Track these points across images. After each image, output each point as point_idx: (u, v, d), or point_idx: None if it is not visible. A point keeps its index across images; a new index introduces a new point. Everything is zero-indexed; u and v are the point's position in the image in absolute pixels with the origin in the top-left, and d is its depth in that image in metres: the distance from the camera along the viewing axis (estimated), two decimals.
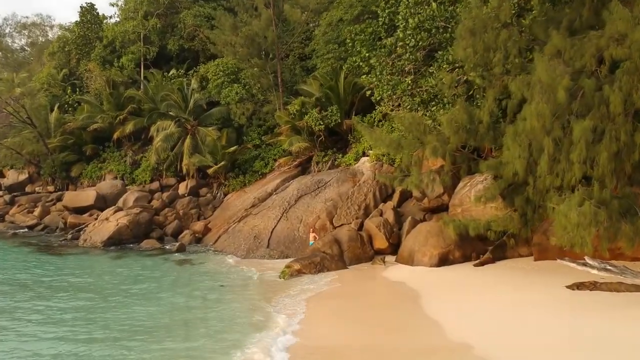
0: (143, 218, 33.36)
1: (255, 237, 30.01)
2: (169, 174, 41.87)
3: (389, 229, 26.32)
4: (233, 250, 29.78)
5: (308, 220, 30.20)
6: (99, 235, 32.06)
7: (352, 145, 36.56)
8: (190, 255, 29.11)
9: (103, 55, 50.95)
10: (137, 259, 28.18)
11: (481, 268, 22.99)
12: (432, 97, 25.30)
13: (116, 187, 40.71)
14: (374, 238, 26.35)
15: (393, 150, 23.45)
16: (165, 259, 28.29)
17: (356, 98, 37.00)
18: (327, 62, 39.10)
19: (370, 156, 33.53)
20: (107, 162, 45.22)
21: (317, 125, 35.23)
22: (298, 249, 28.82)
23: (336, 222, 29.56)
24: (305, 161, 38.41)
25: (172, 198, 39.08)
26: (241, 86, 40.69)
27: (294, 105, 36.87)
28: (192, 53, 51.58)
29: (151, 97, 43.96)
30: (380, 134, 23.41)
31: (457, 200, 26.49)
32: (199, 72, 45.97)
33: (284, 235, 29.75)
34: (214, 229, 34.60)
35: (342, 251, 25.48)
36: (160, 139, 39.95)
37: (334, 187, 32.46)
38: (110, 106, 44.86)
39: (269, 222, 30.80)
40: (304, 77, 42.53)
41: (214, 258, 28.37)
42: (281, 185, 35.67)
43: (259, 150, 40.39)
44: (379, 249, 26.24)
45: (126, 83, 48.10)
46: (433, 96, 25.09)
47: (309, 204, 31.37)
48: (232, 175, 39.85)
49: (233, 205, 36.94)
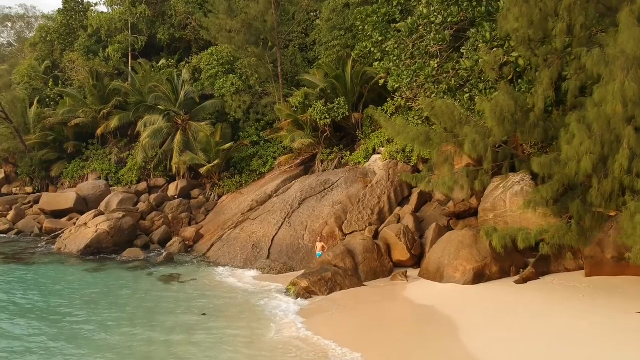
0: (126, 223, 29.49)
1: (254, 246, 26.21)
2: (157, 173, 38.12)
3: (410, 237, 22.58)
4: (228, 261, 25.98)
5: (314, 227, 26.43)
6: (76, 243, 28.20)
7: (361, 141, 32.79)
8: (178, 268, 25.26)
9: (88, 45, 47.07)
10: (115, 272, 24.38)
11: (524, 286, 19.36)
12: (462, 82, 21.57)
13: (99, 188, 36.84)
14: (393, 248, 22.59)
15: (420, 145, 19.69)
16: (149, 272, 24.45)
17: (365, 89, 33.27)
18: (332, 50, 35.32)
19: (382, 154, 29.79)
20: (90, 161, 41.39)
21: (322, 120, 31.45)
22: (303, 260, 25.06)
23: (346, 228, 25.82)
24: (308, 159, 34.63)
25: (160, 200, 35.26)
26: (237, 77, 36.85)
27: (296, 97, 33.07)
28: (184, 43, 47.74)
29: (138, 90, 40.11)
30: (403, 125, 19.62)
31: (489, 205, 22.82)
32: (192, 63, 42.16)
33: (287, 243, 25.96)
34: (207, 235, 30.77)
35: (357, 264, 21.73)
36: (147, 135, 36.12)
37: (343, 189, 28.72)
38: (93, 99, 40.99)
39: (270, 228, 27.00)
40: (306, 67, 38.77)
41: (206, 271, 24.53)
42: (282, 186, 31.89)
43: (257, 147, 36.60)
44: (399, 261, 22.50)
45: (111, 75, 44.22)
46: (464, 81, 21.35)
47: (315, 208, 27.59)
48: (227, 175, 36.07)
49: (228, 209, 33.12)
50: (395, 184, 27.60)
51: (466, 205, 24.12)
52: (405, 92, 24.58)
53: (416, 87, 24.64)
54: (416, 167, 28.60)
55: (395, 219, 24.95)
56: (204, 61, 38.97)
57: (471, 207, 24.10)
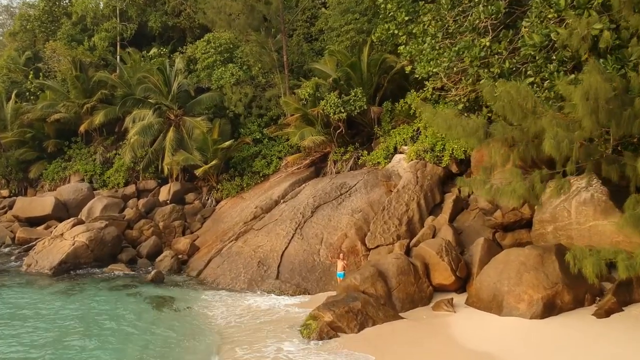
0: (109, 234, 25.28)
1: (260, 263, 22.00)
2: (147, 175, 34.04)
3: (455, 256, 18.41)
4: (229, 281, 21.79)
5: (331, 240, 22.28)
6: (49, 259, 23.96)
7: (380, 139, 28.62)
8: (169, 290, 21.04)
9: (71, 33, 42.80)
10: (92, 295, 20.17)
11: (607, 320, 15.21)
12: (518, 65, 17.46)
13: (81, 191, 32.66)
14: (433, 269, 18.44)
15: (476, 141, 15.48)
16: (133, 294, 20.25)
17: (384, 79, 29.07)
18: (345, 35, 31.16)
19: (407, 153, 25.66)
20: (72, 161, 37.23)
21: (337, 114, 27.25)
22: (319, 281, 20.93)
23: (370, 242, 21.70)
24: (318, 160, 30.48)
25: (150, 206, 31.04)
26: (237, 66, 32.65)
27: (305, 89, 28.87)
28: (177, 32, 43.66)
29: (126, 82, 35.90)
30: (455, 117, 15.42)
31: (548, 215, 18.84)
32: (186, 53, 37.91)
33: (300, 260, 21.79)
34: (204, 247, 26.57)
35: (389, 289, 17.56)
36: (136, 132, 31.92)
37: (362, 194, 24.58)
38: (76, 92, 36.73)
39: (278, 241, 22.82)
40: (314, 57, 34.60)
41: (201, 296, 20.26)
42: (290, 190, 27.74)
43: (260, 146, 32.40)
44: (441, 285, 18.36)
45: (97, 65, 39.88)
46: (522, 63, 17.23)
47: (331, 217, 23.44)
48: (226, 177, 31.93)
49: (228, 216, 28.91)
50: (425, 188, 23.52)
51: (517, 215, 20.02)
52: (442, 78, 20.37)
53: (455, 73, 20.51)
54: (448, 168, 24.55)
55: (430, 231, 20.80)
56: (200, 49, 34.81)
57: (522, 218, 20.03)
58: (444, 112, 15.90)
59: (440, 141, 24.84)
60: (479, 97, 20.78)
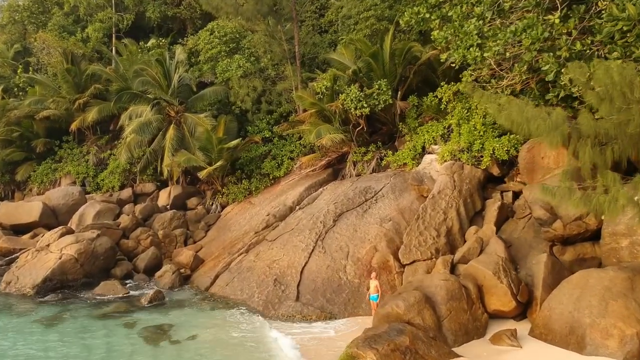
0: (102, 246, 22.19)
1: (277, 281, 18.89)
2: (145, 177, 31.13)
3: (514, 277, 15.33)
4: (241, 302, 18.64)
5: (358, 254, 19.21)
6: (31, 275, 20.87)
7: (405, 137, 25.57)
8: (170, 314, 17.92)
9: (63, 24, 39.65)
10: (79, 326, 17.08)
11: None
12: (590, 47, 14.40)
13: (71, 196, 29.59)
14: (488, 292, 15.38)
15: (559, 137, 12.37)
16: (128, 324, 17.10)
17: (410, 71, 25.98)
18: (364, 23, 28.11)
19: (440, 153, 22.60)
20: (63, 162, 34.32)
21: (358, 109, 24.19)
22: (347, 304, 17.86)
23: (404, 257, 18.63)
24: (335, 161, 27.39)
25: (148, 212, 28.02)
26: (245, 57, 29.51)
27: (322, 82, 25.79)
28: (177, 24, 40.84)
29: (122, 75, 32.78)
30: (531, 107, 12.34)
31: (623, 227, 15.77)
32: (187, 44, 34.85)
33: (323, 278, 18.69)
34: (209, 260, 23.49)
35: (439, 319, 14.51)
36: (133, 130, 28.87)
37: (391, 200, 21.54)
38: (67, 87, 33.69)
39: (296, 255, 19.72)
40: (327, 49, 31.56)
41: (210, 320, 17.09)
42: (306, 195, 24.73)
43: (270, 145, 29.30)
44: (498, 311, 15.32)
45: (90, 58, 36.72)
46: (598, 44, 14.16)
47: (357, 227, 20.36)
48: (233, 180, 28.90)
49: (235, 224, 25.88)
50: (464, 193, 20.47)
51: (581, 226, 16.95)
52: (491, 64, 17.29)
53: (506, 59, 17.45)
54: (488, 170, 21.49)
55: (478, 245, 17.72)
56: (203, 40, 31.73)
57: (587, 229, 16.96)
58: (518, 103, 12.78)
59: (479, 139, 21.83)
60: (530, 87, 17.79)
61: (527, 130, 12.63)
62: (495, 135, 21.78)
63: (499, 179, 21.89)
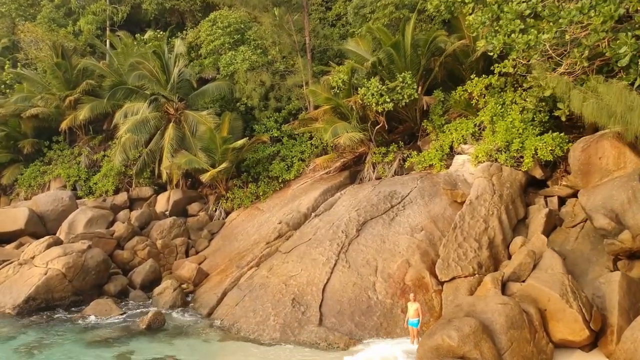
0: (93, 259, 19.63)
1: (295, 301, 16.34)
2: (141, 181, 28.57)
3: (584, 300, 12.84)
4: (254, 327, 16.07)
5: (389, 270, 16.75)
6: (12, 293, 18.31)
7: (430, 136, 23.18)
8: (172, 342, 15.38)
9: (54, 17, 37.10)
10: (65, 352, 14.62)
11: None
12: None
13: (61, 201, 27.04)
14: (553, 318, 12.92)
15: None
16: (123, 353, 14.56)
17: (435, 62, 23.53)
18: (382, 11, 25.73)
19: (474, 154, 20.18)
20: (53, 164, 31.70)
21: (381, 104, 21.71)
22: (380, 328, 15.37)
23: (443, 273, 16.19)
24: (351, 162, 24.93)
25: (145, 219, 25.50)
26: (251, 49, 26.98)
27: (338, 75, 23.28)
28: (176, 16, 38.31)
29: (117, 70, 30.25)
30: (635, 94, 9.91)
31: None
32: (187, 38, 32.33)
33: (349, 298, 16.17)
34: (214, 273, 20.96)
35: (499, 352, 12.00)
36: (128, 129, 26.30)
37: (420, 206, 19.10)
38: (57, 83, 31.15)
39: (316, 270, 17.19)
40: (339, 41, 29.14)
41: (216, 352, 14.52)
42: (322, 200, 22.30)
43: (278, 145, 26.79)
44: (565, 341, 12.87)
45: (82, 52, 34.12)
46: None
47: (385, 237, 17.88)
48: (238, 184, 26.45)
49: (242, 232, 23.38)
50: (506, 199, 18.08)
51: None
52: (547, 50, 14.82)
53: (562, 43, 15.01)
54: (529, 173, 19.06)
55: (531, 260, 15.23)
56: (204, 31, 29.21)
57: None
58: (615, 87, 10.33)
59: (518, 138, 19.44)
60: None
61: (627, 122, 10.20)
62: (536, 133, 19.43)
63: (541, 182, 19.51)
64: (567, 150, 18.23)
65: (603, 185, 16.38)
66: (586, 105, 11.03)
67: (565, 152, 18.37)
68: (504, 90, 21.45)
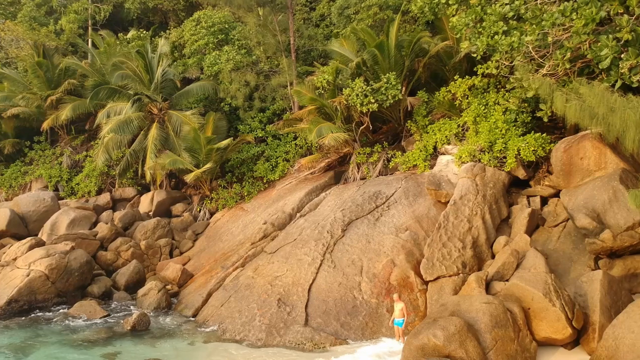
0: (77, 260, 19.47)
1: (281, 302, 16.36)
2: (125, 181, 28.39)
3: (567, 298, 13.02)
4: (239, 328, 16.05)
5: (375, 269, 16.83)
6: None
7: (414, 136, 23.33)
8: (157, 344, 15.30)
9: (35, 16, 36.67)
10: (49, 353, 14.47)
11: None
12: None
13: (43, 202, 26.72)
14: (536, 317, 13.06)
15: None
16: (108, 354, 14.48)
17: (419, 64, 23.68)
18: (366, 12, 25.86)
19: (457, 154, 20.34)
20: (34, 165, 31.29)
21: (365, 105, 21.79)
22: (365, 328, 15.44)
23: (427, 272, 16.30)
24: (336, 162, 25.01)
25: (129, 220, 25.34)
26: (235, 49, 26.94)
27: (323, 75, 23.33)
28: (159, 16, 38.09)
29: (99, 70, 29.98)
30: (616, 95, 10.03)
31: None
32: (170, 37, 32.15)
33: (335, 298, 16.23)
34: (199, 274, 20.90)
35: (484, 350, 12.13)
36: (111, 129, 26.10)
37: (405, 206, 19.23)
38: (39, 82, 30.76)
39: (302, 270, 17.23)
40: (323, 42, 29.20)
41: (202, 354, 14.49)
42: (307, 201, 22.35)
43: (263, 145, 26.79)
44: (548, 339, 13.03)
45: (64, 51, 33.77)
46: None
47: (370, 237, 17.97)
48: (223, 184, 26.40)
49: (227, 233, 23.33)
50: (489, 199, 18.25)
51: (634, 237, 14.78)
52: (530, 52, 15.02)
53: (544, 45, 15.22)
54: (512, 173, 19.27)
55: (515, 259, 15.42)
56: (188, 31, 29.10)
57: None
58: (597, 89, 10.50)
59: (501, 138, 19.64)
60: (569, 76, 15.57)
61: (608, 123, 10.38)
62: (519, 133, 19.65)
63: (524, 182, 19.74)
64: (549, 150, 18.49)
65: (584, 185, 16.64)
66: (569, 106, 11.21)
67: (547, 153, 18.64)
68: (487, 91, 21.63)
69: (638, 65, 12.52)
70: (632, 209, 14.11)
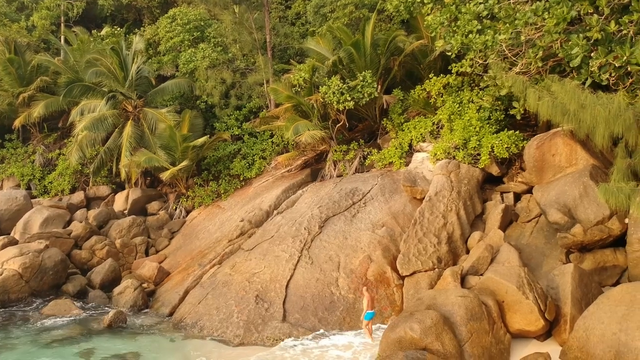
0: (51, 259, 19.28)
1: (259, 298, 16.41)
2: (99, 180, 28.03)
3: (540, 291, 13.33)
4: (217, 325, 16.07)
5: (352, 265, 16.99)
6: None
7: (389, 134, 23.54)
8: (134, 340, 15.26)
9: (5, 12, 36.02)
10: (23, 352, 14.30)
11: None
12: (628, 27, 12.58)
13: (15, 200, 26.31)
14: (510, 309, 13.34)
15: (620, 127, 10.41)
16: (85, 352, 14.32)
17: (394, 62, 23.92)
18: (342, 11, 26.03)
19: (432, 152, 20.60)
20: (6, 163, 30.72)
21: (341, 102, 21.93)
22: (343, 322, 15.60)
23: (403, 267, 16.52)
24: (313, 160, 25.11)
25: (103, 218, 25.07)
26: (211, 47, 26.86)
27: (299, 73, 23.40)
28: (133, 13, 37.72)
29: (72, 67, 29.57)
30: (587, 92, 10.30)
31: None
32: (145, 35, 31.87)
33: (313, 293, 16.35)
34: (175, 272, 20.82)
35: (459, 343, 12.36)
36: (85, 127, 25.79)
37: (381, 203, 19.42)
38: (10, 79, 30.16)
39: (279, 267, 17.31)
40: (299, 40, 29.29)
41: (180, 352, 14.48)
42: (284, 198, 22.40)
43: (239, 143, 26.76)
44: (522, 331, 13.31)
45: (36, 48, 33.26)
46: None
47: (347, 234, 18.12)
48: (199, 182, 26.28)
49: (204, 230, 23.26)
50: (464, 195, 18.54)
51: (603, 231, 15.18)
52: (504, 51, 15.32)
53: (518, 44, 15.54)
54: (485, 169, 19.58)
55: (489, 254, 15.72)
56: (163, 28, 28.91)
57: (610, 235, 15.18)
58: (569, 86, 10.77)
59: (475, 136, 19.95)
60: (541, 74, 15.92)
61: (579, 119, 10.68)
62: (492, 131, 19.99)
63: (498, 179, 20.08)
64: (522, 147, 18.85)
65: (556, 181, 17.01)
66: (541, 103, 11.49)
67: (520, 150, 18.99)
68: (462, 90, 21.93)
69: (607, 64, 12.86)
70: (601, 203, 14.48)
